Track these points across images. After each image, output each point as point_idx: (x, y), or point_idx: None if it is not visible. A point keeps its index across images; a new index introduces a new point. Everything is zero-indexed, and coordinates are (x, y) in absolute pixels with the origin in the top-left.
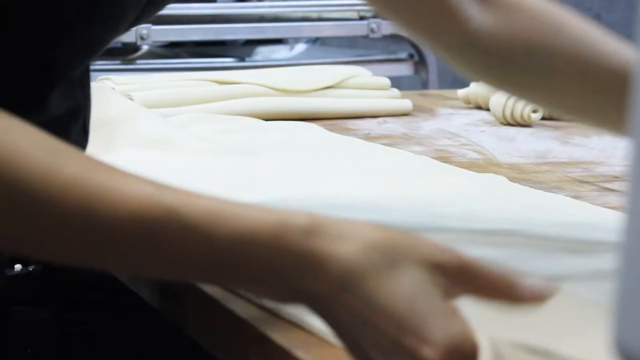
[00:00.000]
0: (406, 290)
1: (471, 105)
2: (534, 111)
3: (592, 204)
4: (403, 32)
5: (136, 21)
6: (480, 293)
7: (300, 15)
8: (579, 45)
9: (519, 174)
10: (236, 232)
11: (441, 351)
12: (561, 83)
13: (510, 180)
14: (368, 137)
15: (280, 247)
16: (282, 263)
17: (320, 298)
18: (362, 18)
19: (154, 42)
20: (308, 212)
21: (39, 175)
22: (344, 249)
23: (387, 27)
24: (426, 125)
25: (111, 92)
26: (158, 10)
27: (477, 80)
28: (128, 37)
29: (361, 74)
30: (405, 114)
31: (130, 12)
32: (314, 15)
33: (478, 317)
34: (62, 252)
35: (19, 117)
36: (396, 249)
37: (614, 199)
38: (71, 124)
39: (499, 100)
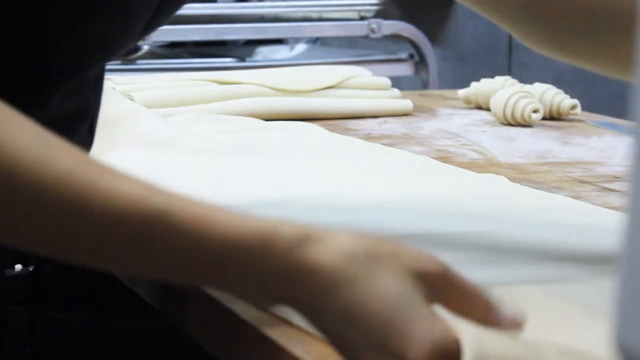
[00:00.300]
0: (389, 295)
1: (471, 106)
2: (535, 111)
3: (593, 204)
4: (404, 32)
5: (151, 23)
6: (457, 307)
7: (300, 15)
8: None
9: (519, 174)
10: (223, 238)
11: (425, 353)
12: (626, 44)
13: (511, 181)
14: (368, 137)
15: (265, 256)
16: (266, 272)
17: (306, 305)
18: (362, 18)
19: (155, 42)
20: (294, 223)
21: (31, 166)
22: (329, 260)
23: (387, 27)
24: (426, 126)
25: (111, 92)
26: (174, 10)
27: (541, 51)
28: None
29: (361, 74)
30: (405, 114)
31: (139, 11)
32: (315, 15)
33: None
34: (50, 245)
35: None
36: (378, 257)
37: (615, 199)
38: (79, 124)
39: (500, 100)
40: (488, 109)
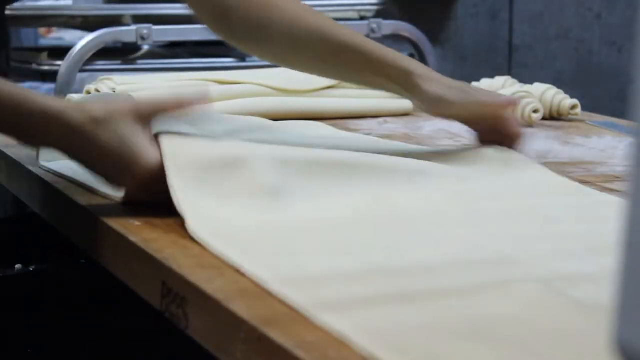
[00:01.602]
0: (119, 135)
1: None
2: (535, 111)
3: None
4: (404, 32)
5: None
6: (172, 111)
7: None
8: (293, 24)
9: None
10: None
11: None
12: (277, 48)
13: None
14: None
15: (54, 124)
16: (52, 132)
17: (67, 146)
18: (362, 18)
19: (155, 42)
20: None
21: None
22: (84, 121)
23: (387, 27)
24: (427, 126)
25: (112, 92)
26: None
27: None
28: (129, 37)
29: None
30: (406, 114)
31: None
32: None
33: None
34: None
35: None
36: (109, 112)
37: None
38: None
39: None
40: None
